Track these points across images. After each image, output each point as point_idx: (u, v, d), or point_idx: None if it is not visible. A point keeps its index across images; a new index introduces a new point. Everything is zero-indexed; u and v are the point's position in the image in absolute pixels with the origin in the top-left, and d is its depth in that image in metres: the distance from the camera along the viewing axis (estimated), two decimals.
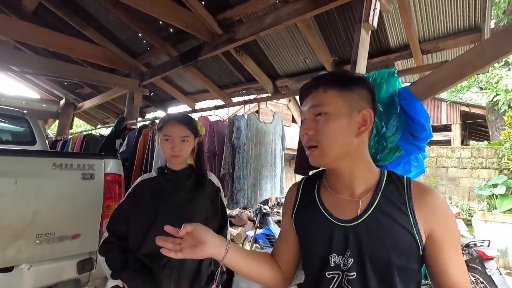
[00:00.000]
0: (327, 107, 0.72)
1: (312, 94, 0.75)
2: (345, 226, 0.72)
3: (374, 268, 0.67)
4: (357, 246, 0.69)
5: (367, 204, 0.72)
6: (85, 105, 5.90)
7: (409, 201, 0.70)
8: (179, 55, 3.65)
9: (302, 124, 0.77)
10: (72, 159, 1.80)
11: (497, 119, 8.19)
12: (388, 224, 0.69)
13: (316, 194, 0.80)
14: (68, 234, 1.78)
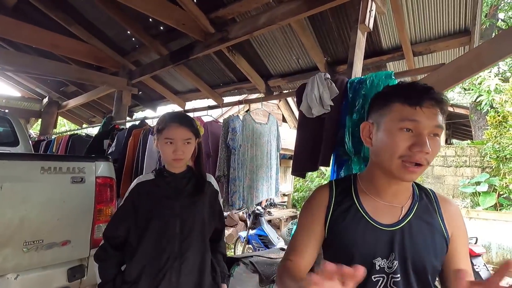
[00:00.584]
0: (442, 131, 0.73)
1: (432, 109, 0.71)
2: (389, 230, 0.75)
3: (415, 269, 0.73)
4: (401, 249, 0.73)
5: (407, 210, 0.78)
6: (70, 103, 5.70)
7: (438, 209, 0.80)
8: (169, 54, 3.57)
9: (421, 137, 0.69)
10: (61, 162, 1.72)
11: (480, 119, 8.48)
12: (427, 228, 0.76)
13: (355, 198, 0.82)
14: (57, 240, 1.70)
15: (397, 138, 0.71)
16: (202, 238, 1.28)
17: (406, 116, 0.71)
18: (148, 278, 1.17)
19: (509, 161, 6.10)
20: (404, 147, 0.70)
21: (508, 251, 4.65)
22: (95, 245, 1.85)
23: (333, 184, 0.86)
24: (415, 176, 0.72)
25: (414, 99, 0.71)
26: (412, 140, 0.70)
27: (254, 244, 4.04)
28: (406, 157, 0.70)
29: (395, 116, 0.72)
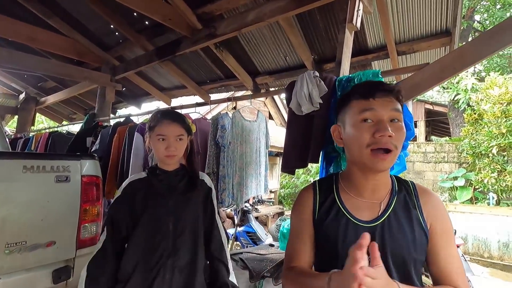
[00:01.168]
0: (402, 116, 0.78)
1: (385, 98, 0.77)
2: (369, 226, 0.78)
3: (395, 263, 0.75)
4: (381, 243, 0.74)
5: (386, 205, 0.80)
6: (49, 100, 5.46)
7: (417, 201, 0.81)
8: (155, 49, 3.49)
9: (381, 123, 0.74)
10: (45, 161, 1.65)
11: (457, 117, 8.86)
12: (406, 222, 0.78)
13: (337, 197, 0.85)
14: (41, 241, 1.64)
15: (360, 129, 0.77)
16: (194, 236, 1.27)
17: (362, 108, 0.77)
18: (141, 275, 1.15)
19: (484, 157, 6.41)
20: (368, 136, 0.75)
21: (482, 242, 4.91)
22: (81, 245, 1.80)
23: (316, 185, 0.90)
24: (386, 163, 0.75)
25: (367, 92, 0.78)
26: (374, 127, 0.75)
27: (242, 241, 4.05)
28: (373, 144, 0.74)
29: (354, 110, 0.79)
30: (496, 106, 6.25)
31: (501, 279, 4.24)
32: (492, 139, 6.20)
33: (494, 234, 4.83)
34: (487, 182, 6.17)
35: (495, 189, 6.15)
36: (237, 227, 4.19)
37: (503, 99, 6.20)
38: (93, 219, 1.85)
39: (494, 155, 6.20)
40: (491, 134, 6.23)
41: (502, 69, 9.61)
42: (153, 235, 1.19)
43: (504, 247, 4.76)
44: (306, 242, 0.86)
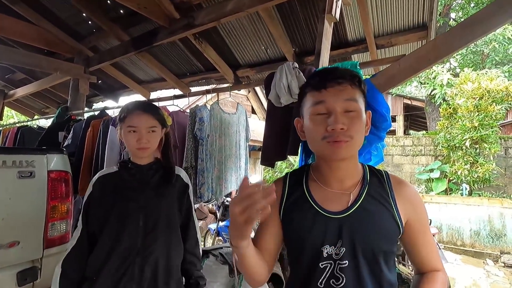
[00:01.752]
0: (358, 105, 0.75)
1: (337, 87, 0.74)
2: (337, 218, 0.76)
3: (364, 255, 0.73)
4: (350, 235, 0.74)
5: (356, 195, 0.78)
6: (18, 92, 5.14)
7: (390, 192, 0.79)
8: (131, 40, 3.35)
9: (333, 116, 0.73)
10: (5, 155, 1.53)
11: (434, 111, 9.18)
12: (376, 213, 0.76)
13: (305, 188, 0.82)
14: (3, 242, 1.52)
15: (314, 123, 0.76)
16: (168, 232, 1.22)
17: (315, 100, 0.76)
18: (107, 273, 1.10)
19: (458, 149, 6.69)
20: (323, 129, 0.74)
21: (456, 231, 5.14)
22: (50, 245, 1.70)
23: (287, 177, 0.89)
24: (343, 150, 0.73)
25: (318, 83, 0.76)
26: (327, 120, 0.73)
27: (224, 236, 4.02)
28: (327, 137, 0.74)
29: (308, 103, 0.78)
30: (470, 101, 6.51)
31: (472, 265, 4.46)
32: (465, 133, 6.47)
33: (466, 223, 5.07)
34: (460, 173, 6.45)
35: (468, 180, 6.44)
36: (218, 222, 4.15)
37: (476, 93, 6.47)
38: (62, 217, 1.75)
39: (467, 147, 6.48)
40: (464, 127, 6.50)
41: (475, 65, 10.03)
42: (122, 231, 1.14)
43: (476, 235, 5.00)
44: (268, 232, 0.85)
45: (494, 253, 4.76)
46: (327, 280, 0.73)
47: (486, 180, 6.36)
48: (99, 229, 1.15)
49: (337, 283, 0.73)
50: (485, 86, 6.43)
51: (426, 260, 0.80)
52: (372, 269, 0.74)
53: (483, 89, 6.46)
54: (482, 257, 4.79)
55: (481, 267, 4.41)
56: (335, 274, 0.73)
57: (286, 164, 9.43)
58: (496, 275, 4.08)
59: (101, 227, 1.14)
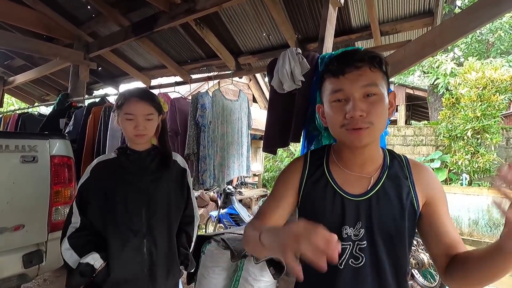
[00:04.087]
0: (379, 88, 0.72)
1: (356, 72, 0.72)
2: (356, 200, 0.77)
3: (381, 236, 0.75)
4: (368, 217, 0.76)
5: (376, 179, 0.79)
6: (18, 79, 5.11)
7: (409, 175, 0.80)
8: (131, 25, 3.29)
9: (351, 102, 0.71)
10: (8, 140, 1.53)
11: (436, 101, 9.10)
12: (395, 196, 0.77)
13: (326, 169, 0.83)
14: (8, 225, 1.54)
15: (333, 110, 0.75)
16: (168, 215, 1.24)
17: (333, 88, 0.74)
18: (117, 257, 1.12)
19: (459, 139, 6.66)
20: (341, 116, 0.73)
21: (454, 220, 5.18)
22: (54, 228, 1.72)
23: (308, 155, 0.88)
24: (364, 138, 0.72)
25: (336, 69, 0.74)
26: (346, 108, 0.72)
27: (225, 223, 4.07)
28: (346, 125, 0.73)
29: (328, 91, 0.76)
30: (473, 90, 6.44)
31: None
32: (467, 123, 6.43)
33: (465, 212, 5.10)
34: (461, 163, 6.44)
35: (468, 170, 6.45)
36: (220, 209, 4.19)
37: (480, 83, 6.39)
38: (65, 202, 1.77)
39: (468, 138, 6.45)
40: (466, 117, 6.45)
41: (480, 55, 9.88)
42: (126, 217, 1.15)
43: (474, 224, 5.05)
44: (284, 206, 0.84)
45: (492, 242, 4.82)
46: (347, 261, 0.75)
47: (486, 170, 6.36)
48: (99, 213, 1.16)
49: (356, 262, 0.75)
50: (489, 76, 6.34)
51: (458, 242, 0.75)
52: (389, 249, 0.76)
53: (487, 79, 6.37)
54: (480, 245, 4.85)
55: None
56: (354, 254, 0.75)
57: (287, 153, 9.44)
58: None
59: (102, 211, 1.16)
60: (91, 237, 1.15)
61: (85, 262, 1.08)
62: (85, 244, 1.13)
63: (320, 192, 0.80)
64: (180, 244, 1.29)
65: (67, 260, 1.11)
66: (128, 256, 1.14)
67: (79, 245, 1.12)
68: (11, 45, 3.54)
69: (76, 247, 1.11)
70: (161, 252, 1.20)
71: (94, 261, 1.10)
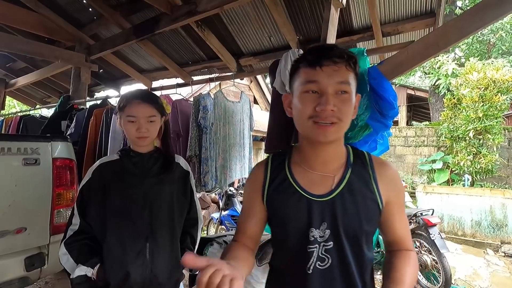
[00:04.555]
0: (350, 88, 0.73)
1: (333, 66, 0.72)
2: (320, 201, 0.76)
3: (347, 236, 0.74)
4: (333, 217, 0.75)
5: (340, 178, 0.78)
6: (19, 81, 5.12)
7: (373, 173, 0.79)
8: (132, 27, 3.30)
9: (324, 96, 0.71)
10: (10, 142, 1.53)
11: (437, 102, 9.08)
12: (359, 195, 0.76)
13: (288, 172, 0.82)
14: (10, 228, 1.54)
15: (304, 100, 0.73)
16: (171, 218, 1.24)
17: (307, 78, 0.73)
18: (118, 260, 1.11)
19: (461, 140, 6.64)
20: (311, 108, 0.72)
21: (457, 221, 5.16)
22: (56, 231, 1.72)
23: (269, 160, 0.87)
24: (329, 134, 0.72)
25: (314, 60, 0.73)
26: (318, 100, 0.72)
27: (227, 225, 4.05)
28: (314, 117, 0.72)
29: (301, 80, 0.75)
30: (474, 91, 6.42)
31: (473, 255, 4.49)
32: (469, 123, 6.41)
33: (468, 213, 5.07)
34: (463, 164, 6.42)
35: (470, 171, 6.42)
36: (221, 211, 4.18)
37: (481, 84, 6.37)
38: (67, 204, 1.77)
39: (470, 138, 6.43)
40: (468, 118, 6.43)
41: (481, 55, 9.87)
42: (128, 220, 1.15)
43: (477, 225, 5.02)
44: (252, 217, 0.85)
45: (495, 243, 4.79)
46: (315, 264, 0.74)
47: (488, 171, 6.34)
48: (100, 216, 1.15)
49: (322, 264, 0.74)
50: (491, 76, 6.33)
51: (401, 239, 0.81)
52: (355, 249, 0.75)
53: (488, 79, 6.36)
54: (483, 247, 4.82)
55: (481, 256, 4.44)
56: (320, 256, 0.74)
57: None
58: (496, 265, 4.12)
59: (104, 213, 1.15)
60: (87, 241, 1.14)
61: (75, 276, 1.08)
62: (80, 249, 1.12)
63: (284, 196, 0.79)
64: (184, 246, 1.28)
65: (64, 265, 1.11)
66: (129, 259, 1.13)
67: (75, 249, 1.11)
68: (13, 47, 3.54)
69: (72, 251, 1.11)
70: (164, 255, 1.19)
71: (84, 272, 1.09)
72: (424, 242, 3.12)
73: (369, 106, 1.54)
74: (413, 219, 3.20)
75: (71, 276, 1.09)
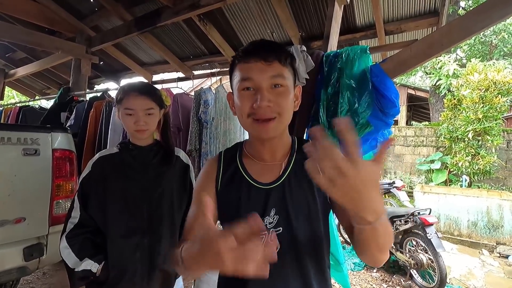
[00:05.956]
0: (286, 80, 0.74)
1: (265, 63, 0.72)
2: (269, 188, 0.78)
3: (296, 218, 0.75)
4: (281, 202, 0.76)
5: (285, 166, 0.80)
6: (19, 72, 5.09)
7: None
8: (134, 20, 3.28)
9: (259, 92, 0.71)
10: (9, 132, 1.52)
11: (438, 102, 9.08)
12: (305, 182, 0.77)
13: (239, 163, 0.83)
14: (9, 218, 1.54)
15: (241, 99, 0.74)
16: (171, 211, 1.23)
17: (242, 76, 0.73)
18: (117, 254, 1.11)
19: (460, 141, 6.66)
20: (248, 105, 0.72)
21: (453, 221, 5.19)
22: (55, 222, 1.72)
23: (222, 155, 0.89)
24: (271, 130, 0.73)
25: (246, 56, 0.73)
26: (254, 97, 0.72)
27: None
28: (253, 115, 0.73)
29: (237, 78, 0.75)
30: (475, 92, 6.42)
31: (468, 255, 4.53)
32: (468, 124, 6.42)
33: (464, 214, 5.10)
34: (461, 165, 6.44)
35: (468, 172, 6.45)
36: None
37: (482, 85, 6.37)
38: (67, 195, 1.77)
39: (469, 139, 6.44)
40: (468, 119, 6.44)
41: (482, 56, 9.85)
42: (127, 213, 1.14)
43: (473, 226, 5.05)
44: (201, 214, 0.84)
45: (490, 244, 4.82)
46: None
47: (486, 172, 6.36)
48: (100, 209, 1.15)
49: None
50: (492, 78, 6.32)
51: None
52: (305, 230, 0.76)
53: (489, 81, 6.35)
54: (478, 247, 4.86)
55: (477, 256, 4.47)
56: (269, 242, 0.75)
57: None
58: (491, 265, 4.15)
59: (103, 206, 1.14)
60: (89, 235, 1.13)
61: (81, 269, 1.08)
62: (82, 243, 1.11)
63: (235, 187, 0.80)
64: None
65: (65, 259, 1.09)
66: (128, 253, 1.12)
67: (77, 243, 1.10)
68: (13, 37, 3.51)
69: (74, 245, 1.10)
70: (163, 249, 1.19)
71: (90, 267, 1.09)
72: (421, 241, 3.15)
73: (371, 104, 1.54)
74: (411, 218, 3.22)
75: (76, 269, 1.08)
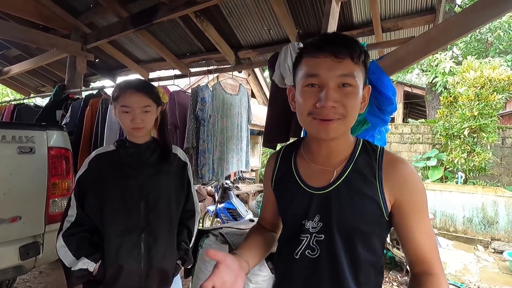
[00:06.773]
0: (356, 80, 0.67)
1: (335, 58, 0.66)
2: (316, 194, 0.76)
3: (339, 231, 0.73)
4: (326, 211, 0.74)
5: (339, 173, 0.75)
6: (13, 69, 5.02)
7: (378, 171, 0.73)
8: (130, 16, 3.24)
9: (324, 90, 0.66)
10: (5, 130, 1.50)
11: (434, 99, 9.14)
12: (357, 192, 0.73)
13: (293, 163, 0.83)
14: (5, 216, 1.53)
15: (304, 95, 0.70)
16: (168, 209, 1.22)
17: (308, 72, 0.69)
18: (113, 251, 1.11)
19: (456, 138, 6.71)
20: (310, 104, 0.68)
21: (449, 217, 5.24)
22: (51, 220, 1.71)
23: (282, 150, 0.90)
24: (331, 131, 0.68)
25: (315, 50, 0.68)
26: (318, 95, 0.67)
27: (222, 218, 4.07)
28: (314, 114, 0.68)
29: (302, 73, 0.70)
30: (471, 89, 6.47)
31: (463, 250, 4.58)
32: (464, 121, 6.47)
33: (460, 210, 5.16)
34: (457, 162, 6.50)
35: (463, 169, 6.51)
36: (217, 204, 4.19)
37: (478, 82, 6.42)
38: (63, 194, 1.75)
39: (465, 136, 6.50)
40: (464, 116, 6.49)
41: (478, 54, 9.91)
42: (123, 209, 1.14)
43: (468, 222, 5.11)
44: (267, 206, 0.93)
45: (485, 240, 4.88)
46: (303, 251, 0.75)
47: (481, 169, 6.43)
48: (97, 207, 1.14)
49: (312, 253, 0.75)
50: (487, 75, 6.38)
51: (424, 257, 0.70)
52: (347, 246, 0.72)
53: (485, 78, 6.40)
54: (474, 243, 4.92)
55: (472, 252, 4.53)
56: (311, 246, 0.75)
57: None
58: (486, 260, 4.21)
59: (100, 204, 1.14)
60: (86, 234, 1.13)
61: (77, 269, 1.07)
62: (79, 242, 1.11)
63: (285, 185, 0.82)
64: (181, 239, 1.28)
65: (62, 258, 1.09)
66: (125, 251, 1.12)
67: (73, 242, 1.10)
68: (7, 34, 3.47)
69: (70, 244, 1.09)
70: (160, 247, 1.18)
71: (87, 266, 1.08)
72: None
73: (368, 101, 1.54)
74: None
75: (72, 268, 1.07)
